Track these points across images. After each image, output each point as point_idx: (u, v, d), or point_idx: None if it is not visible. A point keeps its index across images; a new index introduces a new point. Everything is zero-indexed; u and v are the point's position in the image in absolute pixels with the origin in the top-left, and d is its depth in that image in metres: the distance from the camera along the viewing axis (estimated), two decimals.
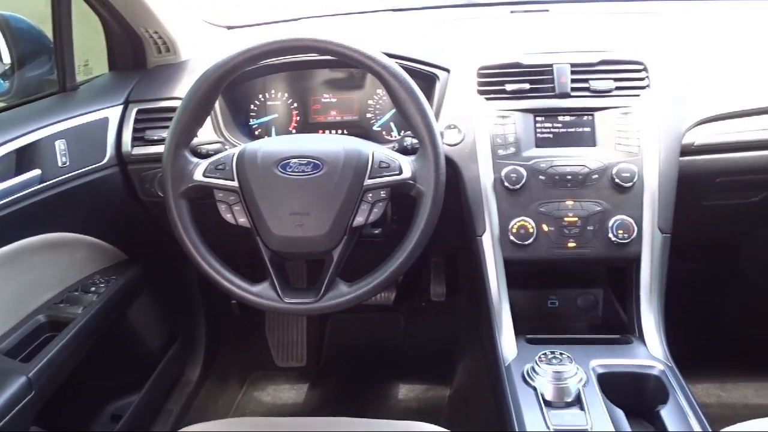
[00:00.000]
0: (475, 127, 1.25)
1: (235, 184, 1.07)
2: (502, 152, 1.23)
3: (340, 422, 1.06)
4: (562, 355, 1.01)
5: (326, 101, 1.47)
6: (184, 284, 1.83)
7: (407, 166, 1.05)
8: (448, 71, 1.33)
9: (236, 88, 1.42)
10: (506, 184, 1.20)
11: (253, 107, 1.47)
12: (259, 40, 1.05)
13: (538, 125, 1.25)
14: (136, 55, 1.51)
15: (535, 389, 0.99)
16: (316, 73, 1.46)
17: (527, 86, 1.27)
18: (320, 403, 1.91)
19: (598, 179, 1.19)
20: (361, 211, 1.05)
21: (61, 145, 1.22)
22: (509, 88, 1.27)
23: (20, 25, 1.39)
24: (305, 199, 1.05)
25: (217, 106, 1.34)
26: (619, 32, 1.48)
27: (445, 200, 1.06)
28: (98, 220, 1.37)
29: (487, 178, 1.22)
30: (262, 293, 1.08)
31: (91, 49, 1.52)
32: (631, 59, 1.29)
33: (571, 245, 1.19)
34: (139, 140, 1.34)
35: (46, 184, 1.19)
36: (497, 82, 1.28)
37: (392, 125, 1.45)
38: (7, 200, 1.10)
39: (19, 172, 1.13)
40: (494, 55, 1.32)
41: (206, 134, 1.31)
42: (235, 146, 1.15)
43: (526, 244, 1.19)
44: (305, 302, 1.07)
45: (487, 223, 1.20)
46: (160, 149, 1.14)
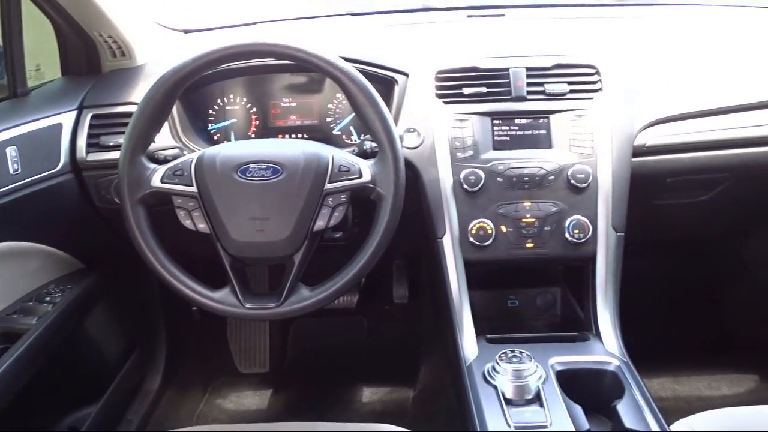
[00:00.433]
0: (433, 130, 1.27)
1: (194, 189, 1.06)
2: (460, 155, 1.24)
3: (303, 427, 1.06)
4: (521, 353, 1.03)
5: (286, 105, 1.46)
6: (143, 292, 1.80)
7: (367, 170, 1.06)
8: (406, 75, 1.34)
9: (194, 92, 1.41)
10: (465, 186, 1.22)
11: (211, 112, 1.46)
12: (217, 44, 1.05)
13: (495, 128, 1.27)
14: (89, 59, 1.48)
15: (495, 388, 1.01)
16: (275, 77, 1.46)
17: (484, 90, 1.29)
18: (284, 408, 1.89)
19: (554, 180, 1.22)
20: (321, 215, 1.05)
21: (12, 152, 1.19)
22: (467, 91, 1.29)
23: None
24: (265, 204, 1.05)
25: (174, 110, 1.33)
26: (573, 37, 1.51)
27: (405, 203, 1.07)
28: (52, 228, 1.34)
29: (446, 180, 1.23)
30: (223, 299, 1.07)
31: (42, 53, 1.49)
32: (584, 63, 1.32)
33: (529, 245, 1.21)
34: (94, 146, 1.31)
35: None
36: (455, 85, 1.30)
37: (352, 129, 1.45)
38: None
39: None
40: (452, 59, 1.34)
41: (164, 139, 1.29)
42: (193, 151, 1.14)
43: (485, 245, 1.20)
44: (267, 307, 1.07)
45: (447, 225, 1.22)
46: (116, 155, 1.12)
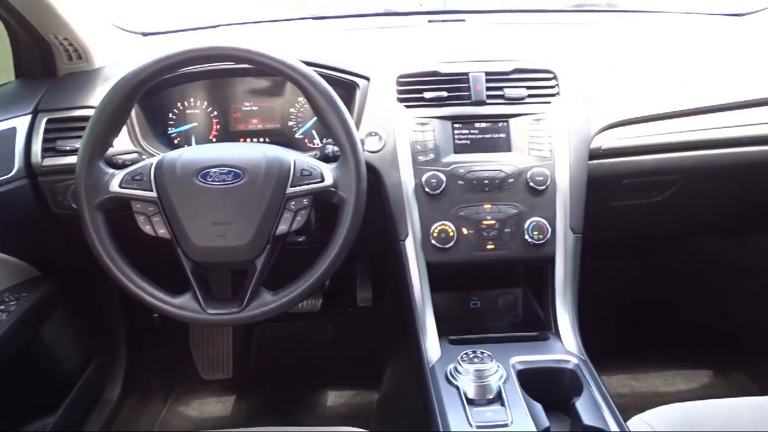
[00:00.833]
0: (395, 134, 1.27)
1: (153, 194, 1.05)
2: (422, 158, 1.26)
3: None
4: (483, 353, 1.04)
5: (247, 109, 1.46)
6: (102, 299, 1.77)
7: (329, 173, 1.06)
8: (367, 79, 1.34)
9: (154, 96, 1.39)
10: (427, 189, 1.23)
11: (171, 116, 1.44)
12: (176, 47, 1.04)
13: (456, 132, 1.29)
14: (44, 62, 1.45)
15: (458, 388, 1.02)
16: (236, 81, 1.45)
17: (445, 94, 1.30)
18: (248, 414, 1.88)
19: (513, 183, 1.24)
20: (284, 219, 1.05)
21: None
22: (428, 95, 1.30)
23: None
24: (226, 208, 1.04)
25: (133, 114, 1.31)
26: (531, 42, 1.54)
27: (367, 206, 1.08)
28: (7, 234, 1.31)
29: (408, 184, 1.24)
30: (184, 305, 1.06)
31: None
32: (542, 68, 1.34)
33: (490, 247, 1.23)
34: (49, 151, 1.28)
35: None
36: (416, 90, 1.31)
37: (314, 133, 1.45)
38: None
39: None
40: (413, 63, 1.35)
41: (122, 144, 1.27)
42: (153, 156, 1.13)
43: (447, 247, 1.22)
44: (229, 312, 1.06)
45: (409, 227, 1.23)
46: (72, 160, 1.10)
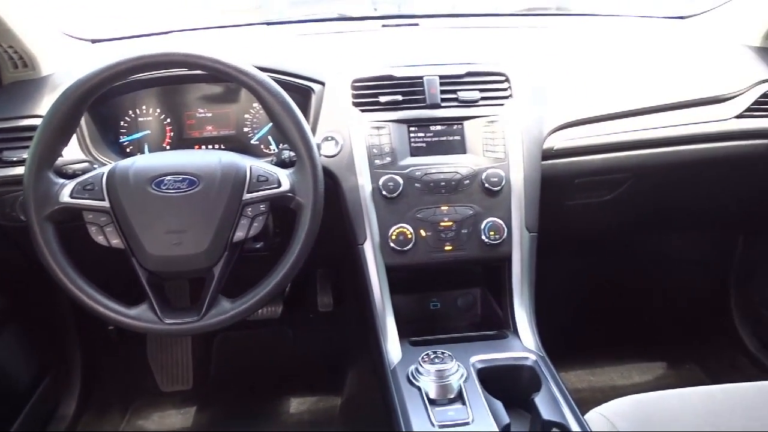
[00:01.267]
0: (351, 138, 1.28)
1: (105, 204, 1.03)
2: (378, 162, 1.26)
3: None
4: (443, 354, 1.05)
5: (201, 116, 1.44)
6: (55, 313, 1.72)
7: (285, 179, 1.06)
8: (323, 84, 1.34)
9: (104, 103, 1.36)
10: (384, 192, 1.24)
11: (123, 124, 1.42)
12: (127, 54, 1.02)
13: (411, 135, 1.30)
14: None
15: (419, 389, 1.02)
16: (189, 87, 1.43)
17: (400, 98, 1.31)
18: (209, 424, 1.85)
19: (469, 185, 1.26)
20: (241, 225, 1.05)
21: None
22: (383, 99, 1.31)
23: None
24: (182, 216, 1.03)
25: (83, 123, 1.28)
26: (484, 45, 1.56)
27: (325, 211, 1.08)
28: None
29: (365, 187, 1.25)
30: (140, 316, 1.04)
31: None
32: (494, 71, 1.37)
33: (448, 248, 1.24)
34: None
35: None
36: (371, 94, 1.32)
37: (270, 139, 1.45)
38: None
39: None
40: (367, 68, 1.36)
41: (72, 153, 1.24)
42: (104, 165, 1.11)
43: (405, 249, 1.22)
44: (187, 322, 1.05)
45: (367, 231, 1.23)
46: (20, 171, 1.07)
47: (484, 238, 1.23)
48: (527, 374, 1.11)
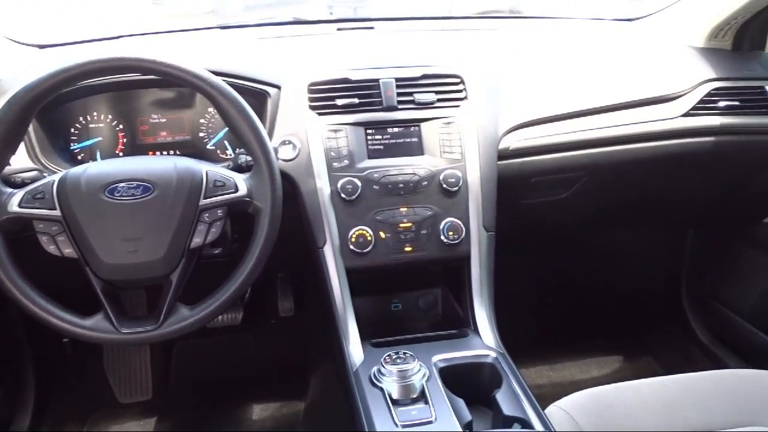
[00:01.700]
0: (309, 141, 1.27)
1: (57, 213, 1.00)
2: (336, 165, 1.26)
3: None
4: (405, 354, 1.06)
5: (155, 122, 1.42)
6: (5, 327, 1.67)
7: (242, 183, 1.05)
8: (278, 88, 1.33)
9: (53, 110, 1.33)
10: (343, 195, 1.24)
11: (73, 130, 1.38)
12: (76, 59, 1.00)
13: (369, 137, 1.30)
14: None
15: (382, 390, 1.03)
16: (142, 92, 1.41)
17: (356, 101, 1.31)
18: None
19: (427, 186, 1.27)
20: (198, 231, 1.03)
21: None
22: (339, 102, 1.31)
23: None
24: (137, 223, 1.01)
25: (31, 130, 1.25)
26: (439, 48, 1.58)
27: (284, 215, 1.07)
28: None
29: (324, 190, 1.24)
30: (95, 326, 1.02)
31: None
32: (449, 73, 1.38)
33: (407, 249, 1.25)
34: None
35: None
36: (328, 97, 1.32)
37: (226, 143, 1.43)
38: None
39: None
40: (323, 71, 1.35)
41: (20, 161, 1.20)
42: (55, 173, 1.08)
43: (365, 251, 1.23)
44: (145, 330, 1.03)
45: (327, 234, 1.23)
46: None
47: (443, 238, 1.25)
48: (488, 371, 1.12)
